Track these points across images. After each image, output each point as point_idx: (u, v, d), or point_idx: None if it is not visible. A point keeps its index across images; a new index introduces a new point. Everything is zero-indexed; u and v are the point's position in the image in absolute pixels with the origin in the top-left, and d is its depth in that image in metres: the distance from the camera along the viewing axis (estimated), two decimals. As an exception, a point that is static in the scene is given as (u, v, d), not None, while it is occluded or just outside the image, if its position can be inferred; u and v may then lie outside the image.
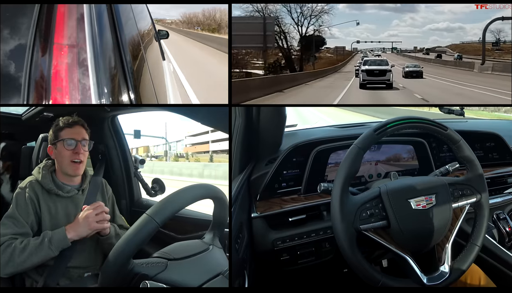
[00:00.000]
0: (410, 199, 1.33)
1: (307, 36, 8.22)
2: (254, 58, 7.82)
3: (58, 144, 1.67)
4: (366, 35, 10.87)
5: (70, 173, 1.68)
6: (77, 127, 1.70)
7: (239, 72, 7.24)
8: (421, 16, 10.45)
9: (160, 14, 39.03)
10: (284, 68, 7.84)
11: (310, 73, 9.04)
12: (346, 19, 10.31)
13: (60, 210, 1.64)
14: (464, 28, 10.32)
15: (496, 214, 1.77)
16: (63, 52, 1.02)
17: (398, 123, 1.36)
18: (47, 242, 1.48)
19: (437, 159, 1.99)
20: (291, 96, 7.02)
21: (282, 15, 7.47)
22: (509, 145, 2.15)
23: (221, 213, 1.41)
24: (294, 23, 7.85)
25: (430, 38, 10.91)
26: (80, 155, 1.67)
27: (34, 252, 1.47)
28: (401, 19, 11.08)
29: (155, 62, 2.10)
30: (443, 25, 10.41)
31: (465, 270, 1.38)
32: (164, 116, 59.04)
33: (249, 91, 6.38)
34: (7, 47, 1.02)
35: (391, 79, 7.96)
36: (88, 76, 1.02)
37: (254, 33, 6.55)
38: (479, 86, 7.62)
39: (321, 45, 9.02)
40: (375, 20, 11.44)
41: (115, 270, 1.07)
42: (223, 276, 1.20)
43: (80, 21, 1.05)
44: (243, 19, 6.37)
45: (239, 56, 7.50)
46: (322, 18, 8.00)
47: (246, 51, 7.53)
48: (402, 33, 10.97)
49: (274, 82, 7.44)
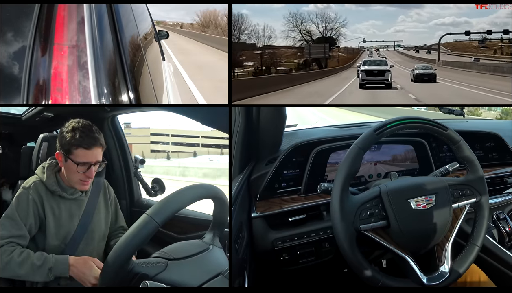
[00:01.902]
0: (410, 199, 1.33)
1: (326, 38, 10.23)
2: (284, 58, 10.09)
3: (69, 160, 1.55)
4: (373, 32, 10.92)
5: (77, 188, 1.63)
6: (95, 148, 1.55)
7: (274, 69, 9.65)
8: (426, 12, 10.38)
9: (160, 16, 38.03)
10: (308, 65, 10.19)
11: (333, 69, 10.75)
12: (353, 15, 10.80)
13: (64, 211, 1.63)
14: (470, 23, 10.12)
15: (496, 214, 1.76)
16: (63, 52, 1.02)
17: (398, 123, 1.36)
18: (47, 270, 1.44)
19: (437, 159, 1.99)
20: (326, 80, 9.28)
21: (310, 25, 9.79)
22: (509, 145, 2.15)
23: (221, 213, 1.41)
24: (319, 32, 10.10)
25: (436, 33, 10.79)
26: (90, 179, 1.60)
27: (31, 272, 1.44)
28: (407, 14, 11.03)
29: (155, 63, 2.10)
30: (448, 20, 10.29)
31: (465, 270, 1.38)
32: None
33: (293, 80, 8.85)
34: (9, 48, 1.02)
35: (390, 79, 7.94)
36: (88, 77, 1.02)
37: (320, 50, 9.96)
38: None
39: (332, 45, 10.55)
40: (382, 16, 11.50)
41: (115, 269, 1.07)
42: (223, 276, 1.20)
43: (80, 23, 1.05)
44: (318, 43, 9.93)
45: (274, 59, 9.86)
46: (340, 30, 10.21)
47: (279, 52, 9.81)
48: (408, 29, 10.93)
49: (309, 75, 9.84)
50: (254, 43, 9.46)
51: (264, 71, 9.46)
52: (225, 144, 46.53)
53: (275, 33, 9.62)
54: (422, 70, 8.37)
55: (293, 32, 9.67)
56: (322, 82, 9.27)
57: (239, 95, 6.92)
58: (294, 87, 8.47)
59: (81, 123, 1.58)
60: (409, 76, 8.73)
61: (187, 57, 14.89)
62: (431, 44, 11.43)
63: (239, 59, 8.96)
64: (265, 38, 9.58)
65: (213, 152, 48.16)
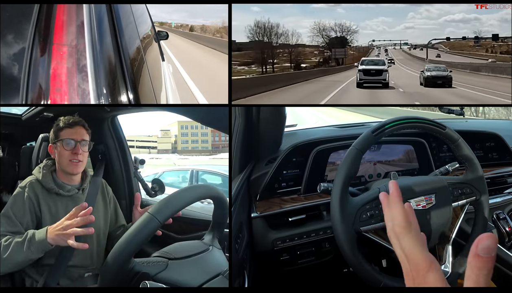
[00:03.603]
0: (410, 200, 1.33)
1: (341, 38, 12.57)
2: (302, 56, 12.54)
3: (58, 143, 1.67)
4: (383, 28, 11.01)
5: (69, 171, 1.67)
6: (77, 127, 1.70)
7: (295, 66, 12.14)
8: (436, 8, 10.38)
9: (162, 18, 37.04)
10: (326, 62, 12.59)
11: (347, 65, 12.85)
12: (362, 12, 11.41)
13: (61, 209, 1.64)
14: (480, 19, 10.02)
15: (496, 214, 1.77)
16: (62, 53, 1.02)
17: (396, 124, 1.35)
18: (27, 242, 1.42)
19: (437, 159, 1.99)
20: (343, 73, 11.14)
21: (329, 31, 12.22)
22: (509, 145, 2.15)
23: (221, 213, 1.41)
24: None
25: (446, 29, 10.77)
26: (79, 155, 1.66)
27: (16, 251, 1.42)
28: (416, 11, 11.07)
29: (155, 64, 2.10)
30: (458, 17, 10.26)
31: (465, 269, 1.38)
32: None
33: (315, 74, 11.03)
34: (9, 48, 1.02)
35: (387, 79, 7.87)
36: (87, 77, 1.02)
37: (342, 52, 12.35)
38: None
39: (346, 45, 12.89)
40: (392, 13, 11.58)
41: (117, 268, 1.07)
42: (223, 276, 1.20)
43: (80, 26, 1.05)
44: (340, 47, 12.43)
45: (298, 57, 12.37)
46: (353, 35, 12.54)
47: (301, 51, 12.19)
48: (418, 26, 10.96)
49: (328, 70, 12.00)
50: (288, 43, 11.78)
51: (294, 67, 12.18)
52: (153, 146, 59.54)
53: (301, 38, 12.04)
54: (435, 72, 7.06)
55: (316, 36, 12.53)
56: (341, 74, 11.56)
57: (281, 83, 8.68)
58: (324, 76, 10.81)
59: (66, 117, 1.73)
60: (410, 76, 8.32)
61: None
62: (428, 42, 11.42)
63: (277, 57, 11.82)
64: (293, 40, 11.95)
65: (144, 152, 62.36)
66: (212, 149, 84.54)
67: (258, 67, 11.72)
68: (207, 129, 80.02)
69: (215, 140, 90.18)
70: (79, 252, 1.62)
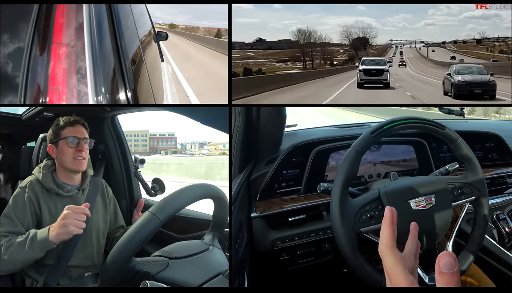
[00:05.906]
0: (410, 200, 1.33)
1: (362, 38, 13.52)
2: (330, 54, 13.53)
3: (60, 142, 1.68)
4: (403, 25, 11.03)
5: (73, 168, 1.68)
6: (79, 126, 1.73)
7: (330, 63, 13.26)
8: (457, 4, 10.32)
9: (167, 20, 36.19)
10: (351, 60, 13.25)
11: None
12: (382, 9, 11.47)
13: (60, 209, 1.63)
14: (501, 16, 9.91)
15: (496, 214, 1.76)
16: (61, 52, 1.02)
17: (395, 124, 1.35)
18: (29, 242, 1.43)
19: (437, 159, 1.99)
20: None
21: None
22: (509, 146, 2.15)
23: (221, 213, 1.41)
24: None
25: (466, 26, 10.69)
26: (83, 152, 1.69)
27: (18, 250, 1.42)
28: (437, 8, 11.01)
29: (154, 64, 2.10)
30: (479, 13, 10.21)
31: (465, 270, 1.38)
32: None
33: (347, 69, 11.78)
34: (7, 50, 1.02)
35: (388, 79, 7.85)
36: (86, 77, 1.01)
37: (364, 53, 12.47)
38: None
39: (367, 44, 13.87)
40: (412, 10, 11.59)
41: (118, 266, 1.07)
42: (223, 276, 1.20)
43: (79, 28, 1.04)
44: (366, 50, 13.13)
45: (329, 56, 13.39)
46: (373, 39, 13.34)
47: (322, 50, 13.00)
48: (439, 22, 10.92)
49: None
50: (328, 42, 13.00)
51: (329, 64, 13.39)
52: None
53: (330, 37, 12.86)
54: (469, 75, 4.83)
55: (345, 40, 13.51)
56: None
57: (315, 76, 9.95)
58: (354, 69, 10.96)
59: (66, 116, 1.75)
60: (413, 81, 7.58)
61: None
62: (441, 41, 11.34)
63: (310, 55, 12.87)
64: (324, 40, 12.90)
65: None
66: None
67: (293, 64, 12.89)
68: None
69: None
70: (79, 252, 1.62)
